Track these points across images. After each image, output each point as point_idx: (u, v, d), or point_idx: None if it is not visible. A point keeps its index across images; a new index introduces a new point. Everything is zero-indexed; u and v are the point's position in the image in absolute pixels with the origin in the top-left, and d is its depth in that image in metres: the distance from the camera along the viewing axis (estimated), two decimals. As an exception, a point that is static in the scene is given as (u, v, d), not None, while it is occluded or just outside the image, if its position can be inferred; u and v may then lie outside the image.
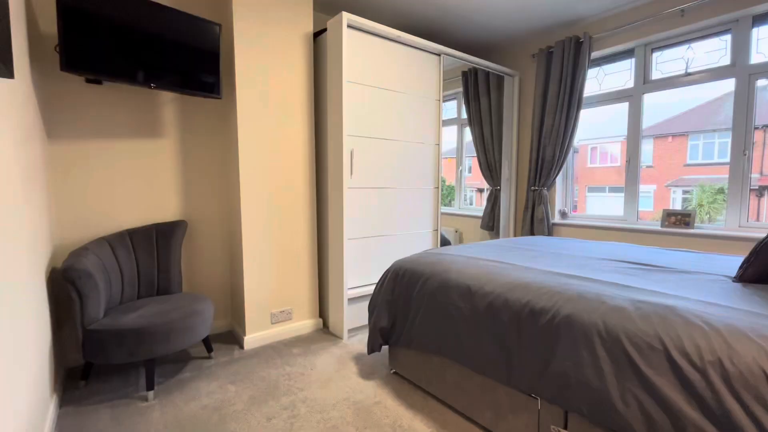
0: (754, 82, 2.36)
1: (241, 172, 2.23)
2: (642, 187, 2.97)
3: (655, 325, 1.06)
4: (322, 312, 2.65)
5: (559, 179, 3.29)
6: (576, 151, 3.45)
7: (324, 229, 2.58)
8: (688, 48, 2.65)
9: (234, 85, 2.19)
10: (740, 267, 1.42)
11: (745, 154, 2.39)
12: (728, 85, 2.46)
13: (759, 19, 2.33)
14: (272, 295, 2.39)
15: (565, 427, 1.26)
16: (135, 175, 2.17)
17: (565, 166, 3.24)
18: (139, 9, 1.87)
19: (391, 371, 1.99)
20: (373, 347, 1.94)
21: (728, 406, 0.90)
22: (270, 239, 2.36)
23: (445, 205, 4.59)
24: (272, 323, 2.40)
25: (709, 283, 1.39)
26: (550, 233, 3.22)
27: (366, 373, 1.98)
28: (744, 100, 2.38)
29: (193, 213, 2.38)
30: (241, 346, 2.29)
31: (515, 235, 3.55)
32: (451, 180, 4.66)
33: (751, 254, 1.38)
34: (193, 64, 2.08)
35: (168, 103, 2.26)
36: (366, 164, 2.50)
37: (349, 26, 2.32)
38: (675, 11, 2.50)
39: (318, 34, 2.51)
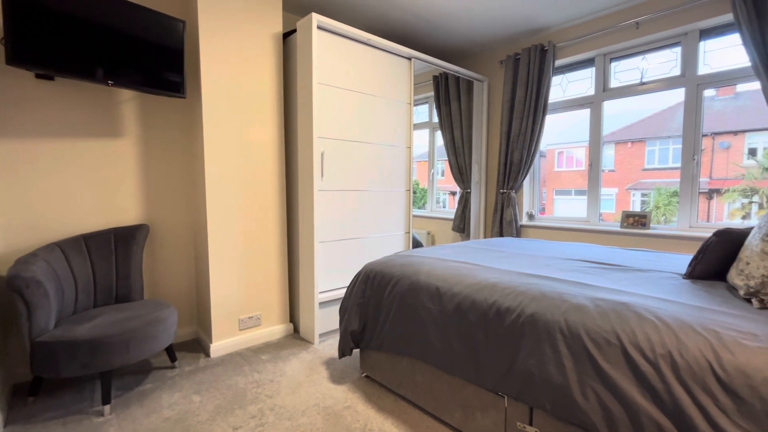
0: (702, 92, 2.52)
1: (206, 174, 2.16)
2: (604, 190, 3.11)
3: (612, 321, 1.11)
4: (293, 317, 2.61)
5: (526, 182, 3.39)
6: (543, 156, 3.58)
7: (294, 232, 2.53)
8: (643, 59, 2.81)
9: (199, 84, 2.13)
10: (689, 265, 1.51)
11: (695, 159, 2.55)
12: (679, 94, 2.62)
13: (705, 33, 2.50)
14: (240, 300, 2.33)
15: (531, 423, 1.29)
16: (91, 176, 2.06)
17: (532, 169, 3.35)
18: (94, 1, 1.78)
19: (363, 375, 1.98)
20: (344, 351, 1.92)
21: (678, 396, 0.95)
22: (238, 243, 2.30)
23: (418, 208, 4.63)
24: (240, 329, 2.33)
25: (661, 281, 1.46)
26: (518, 234, 3.31)
27: (337, 378, 1.95)
28: (693, 108, 2.55)
29: (155, 216, 2.29)
30: (207, 354, 2.21)
31: (485, 237, 3.63)
32: (424, 183, 4.71)
33: (698, 253, 1.47)
34: (156, 62, 2.01)
35: (128, 101, 2.16)
36: (337, 166, 2.48)
37: (319, 28, 2.30)
38: (630, 23, 2.65)
39: (288, 34, 2.47)
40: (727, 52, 2.46)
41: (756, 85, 2.16)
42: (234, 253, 2.28)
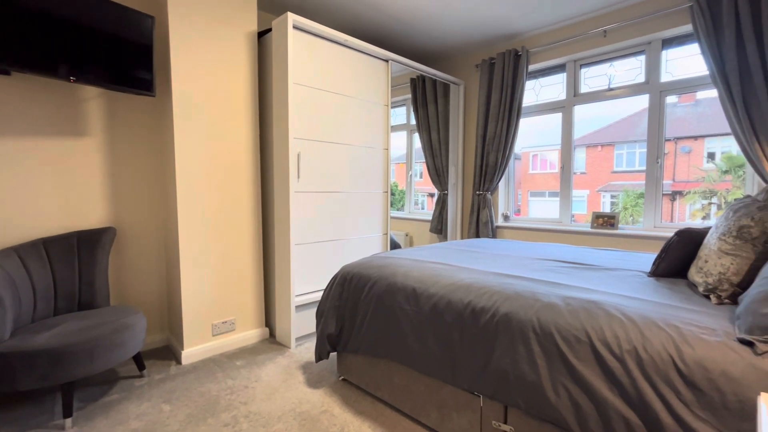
0: (664, 99, 2.65)
1: (177, 175, 2.09)
2: (577, 192, 3.21)
3: (582, 319, 1.14)
4: (269, 321, 2.55)
5: (501, 184, 3.45)
6: (518, 158, 3.66)
7: (270, 235, 2.49)
8: (611, 66, 2.92)
9: (170, 82, 2.06)
10: (653, 263, 1.57)
11: (658, 163, 2.67)
12: (644, 100, 2.74)
13: (667, 43, 2.63)
14: (213, 305, 2.26)
15: (505, 422, 1.31)
16: (52, 177, 1.95)
17: (507, 171, 3.41)
18: (55, -6, 1.70)
19: (340, 378, 1.96)
20: (320, 355, 1.90)
21: (643, 390, 0.98)
22: (210, 246, 2.23)
23: (396, 210, 4.64)
24: (213, 335, 2.26)
25: (628, 279, 1.52)
26: (494, 235, 3.37)
27: (313, 382, 1.93)
28: (656, 114, 2.67)
29: (123, 219, 2.19)
30: (179, 362, 2.14)
31: (462, 238, 3.67)
32: (402, 185, 4.72)
33: (661, 252, 1.54)
34: (123, 59, 1.93)
35: (94, 99, 2.07)
36: (314, 168, 2.46)
37: (294, 27, 2.27)
38: (599, 32, 2.75)
39: (263, 33, 2.43)
40: (688, 61, 2.59)
41: (714, 93, 2.28)
42: (207, 256, 2.22)
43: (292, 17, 2.22)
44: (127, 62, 1.94)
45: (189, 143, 2.12)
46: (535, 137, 3.75)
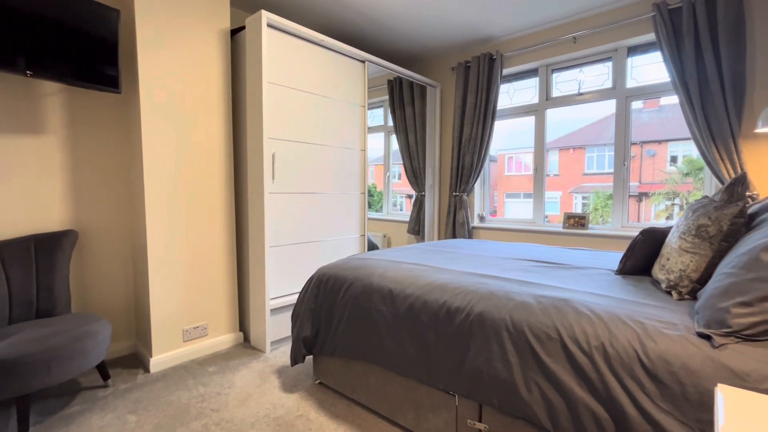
0: (630, 104, 2.76)
1: (145, 175, 2.01)
2: (550, 193, 3.30)
3: (553, 316, 1.17)
4: (243, 325, 2.49)
5: (477, 185, 3.51)
6: (494, 160, 3.73)
7: (244, 237, 2.43)
8: (580, 71, 3.02)
9: (137, 79, 1.98)
10: (620, 261, 1.63)
11: (625, 165, 2.78)
12: (612, 105, 2.84)
13: (632, 50, 2.75)
14: (184, 310, 2.18)
15: (480, 420, 1.32)
16: (7, 176, 1.84)
17: (482, 173, 3.47)
18: (10, -17, 1.60)
19: (316, 382, 1.93)
20: (296, 358, 1.86)
21: (610, 384, 1.01)
22: (181, 248, 2.16)
23: (375, 211, 4.63)
24: (185, 341, 2.19)
25: (597, 277, 1.57)
26: (470, 236, 3.41)
27: (289, 386, 1.89)
28: (623, 118, 2.78)
29: (86, 221, 2.09)
30: (147, 370, 2.05)
31: (439, 239, 3.71)
32: (382, 186, 4.72)
33: (627, 250, 1.60)
34: (85, 53, 1.84)
35: (53, 94, 1.96)
36: (289, 168, 2.42)
37: (269, 26, 2.23)
38: (569, 38, 2.84)
39: (237, 31, 2.38)
40: (651, 68, 2.71)
41: (675, 99, 2.39)
42: (177, 259, 2.14)
43: (266, 15, 2.18)
44: (91, 57, 1.85)
45: (158, 142, 2.05)
46: (510, 140, 3.83)
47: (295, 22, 2.36)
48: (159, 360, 2.07)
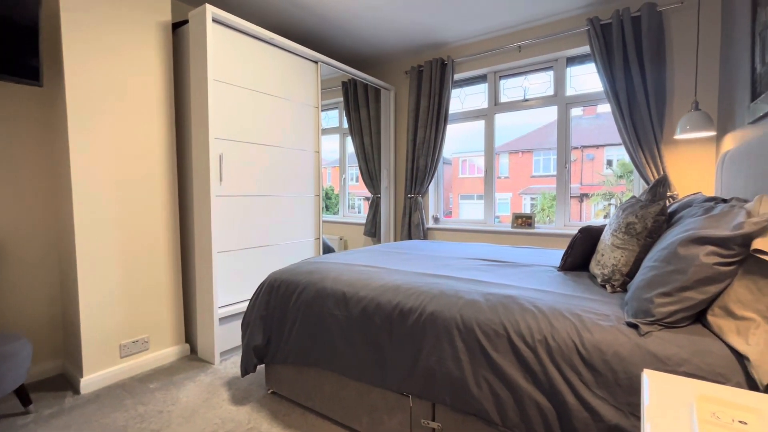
0: (570, 110, 2.95)
1: (73, 177, 1.83)
2: (501, 195, 3.44)
3: (500, 313, 1.21)
4: (190, 336, 2.35)
5: (431, 187, 3.58)
6: (448, 163, 3.83)
7: (190, 242, 2.29)
8: (526, 78, 3.19)
9: (62, 72, 1.80)
10: (562, 258, 1.73)
11: (566, 168, 2.97)
12: (554, 111, 3.03)
13: (571, 61, 2.94)
14: (121, 323, 2.01)
15: (434, 419, 1.34)
16: None
17: (436, 175, 3.55)
18: None
19: (269, 391, 1.86)
20: (247, 368, 1.78)
21: (552, 376, 1.06)
22: (117, 257, 1.99)
23: (334, 214, 4.58)
24: (122, 357, 2.02)
25: (540, 274, 1.65)
26: (425, 237, 3.47)
27: (239, 398, 1.80)
28: (563, 124, 2.96)
29: (2, 228, 1.86)
30: (77, 391, 1.86)
31: (395, 240, 3.73)
32: (339, 188, 4.67)
33: (568, 248, 1.70)
34: (0, 41, 1.64)
35: (-42, 86, 1.73)
36: (239, 170, 2.32)
37: (214, 21, 2.13)
38: (514, 47, 2.99)
39: (179, 25, 2.25)
40: (588, 77, 2.92)
41: (609, 107, 2.59)
42: (112, 268, 1.97)
43: (211, 9, 2.08)
44: (6, 45, 1.66)
45: (88, 141, 1.87)
46: (463, 143, 3.96)
47: (243, 19, 2.27)
48: (91, 380, 1.89)
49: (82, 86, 1.85)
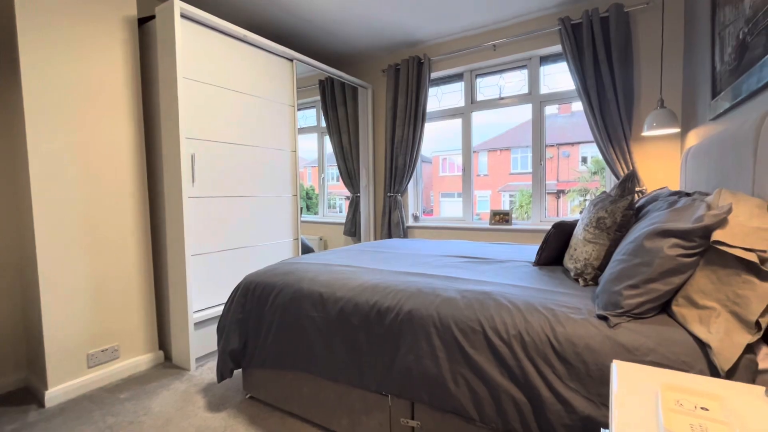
0: (544, 108, 3.01)
1: (32, 181, 1.74)
2: (481, 192, 3.48)
3: (476, 310, 1.22)
4: (164, 343, 2.27)
5: (411, 185, 3.59)
6: (428, 162, 3.85)
7: (162, 245, 2.21)
8: (501, 77, 3.23)
9: (17, 69, 1.70)
10: (537, 254, 1.76)
11: (541, 165, 3.03)
12: (528, 109, 3.08)
13: (544, 60, 3.00)
14: (88, 331, 1.93)
15: (413, 418, 1.34)
16: None
17: (415, 173, 3.56)
18: None
19: (247, 396, 1.82)
20: (223, 374, 1.73)
21: (527, 370, 1.08)
22: (82, 262, 1.90)
23: (314, 213, 4.52)
24: (90, 367, 1.93)
25: (516, 269, 1.67)
26: (405, 235, 3.48)
27: (216, 405, 1.76)
28: (538, 121, 3.02)
29: (-47, 236, 1.75)
30: (41, 405, 1.77)
31: (375, 239, 3.73)
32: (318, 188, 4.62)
33: (543, 243, 1.73)
34: (-54, 35, 1.54)
35: None
36: (212, 171, 2.26)
37: (183, 16, 2.06)
38: (489, 45, 3.02)
39: (146, 20, 2.16)
40: (561, 76, 2.98)
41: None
42: (77, 275, 1.88)
43: (179, 5, 2.01)
44: (-47, 40, 1.56)
45: (47, 141, 1.78)
46: (442, 142, 3.97)
47: (216, 16, 2.21)
48: (56, 392, 1.80)
49: (41, 85, 1.75)
